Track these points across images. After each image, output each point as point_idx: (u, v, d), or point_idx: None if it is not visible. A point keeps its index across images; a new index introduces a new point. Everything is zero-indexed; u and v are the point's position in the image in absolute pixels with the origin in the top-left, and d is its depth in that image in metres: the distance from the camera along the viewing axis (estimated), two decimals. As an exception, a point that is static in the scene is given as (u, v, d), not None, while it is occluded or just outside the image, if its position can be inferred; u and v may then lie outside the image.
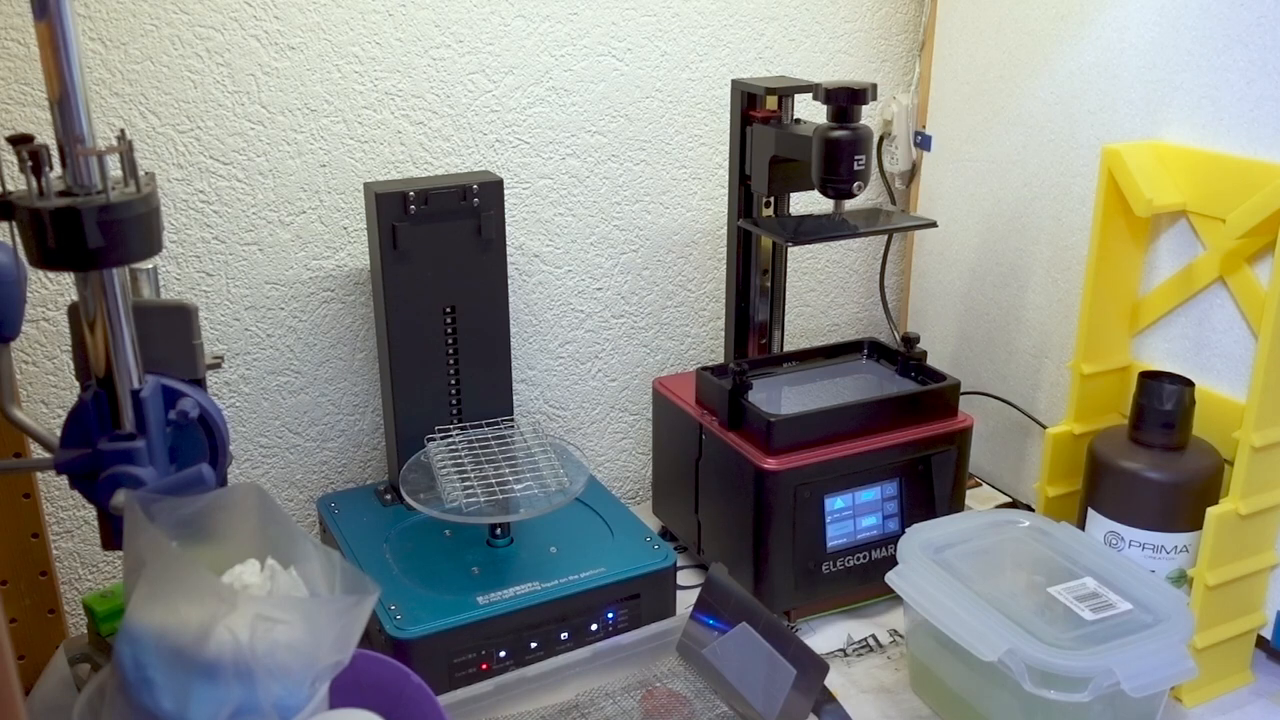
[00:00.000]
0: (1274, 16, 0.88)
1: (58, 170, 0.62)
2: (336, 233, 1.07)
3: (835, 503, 1.00)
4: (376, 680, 0.71)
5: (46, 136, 0.63)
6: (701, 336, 1.30)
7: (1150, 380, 0.93)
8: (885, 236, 1.36)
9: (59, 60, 0.59)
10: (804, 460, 0.97)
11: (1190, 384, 0.92)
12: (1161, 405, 0.91)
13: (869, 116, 1.08)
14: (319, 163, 1.04)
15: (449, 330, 1.04)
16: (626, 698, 0.88)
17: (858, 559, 1.02)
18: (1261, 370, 0.85)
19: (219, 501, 0.66)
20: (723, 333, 1.30)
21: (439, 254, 1.01)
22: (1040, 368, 1.18)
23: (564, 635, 0.93)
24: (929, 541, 0.91)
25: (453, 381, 1.06)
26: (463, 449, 1.02)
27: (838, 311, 1.39)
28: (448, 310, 1.03)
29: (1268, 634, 0.93)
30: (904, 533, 0.93)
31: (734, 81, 1.09)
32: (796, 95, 1.06)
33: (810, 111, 1.10)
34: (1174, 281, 0.98)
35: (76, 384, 0.70)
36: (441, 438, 1.04)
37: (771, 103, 1.06)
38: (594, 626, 0.94)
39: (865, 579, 1.02)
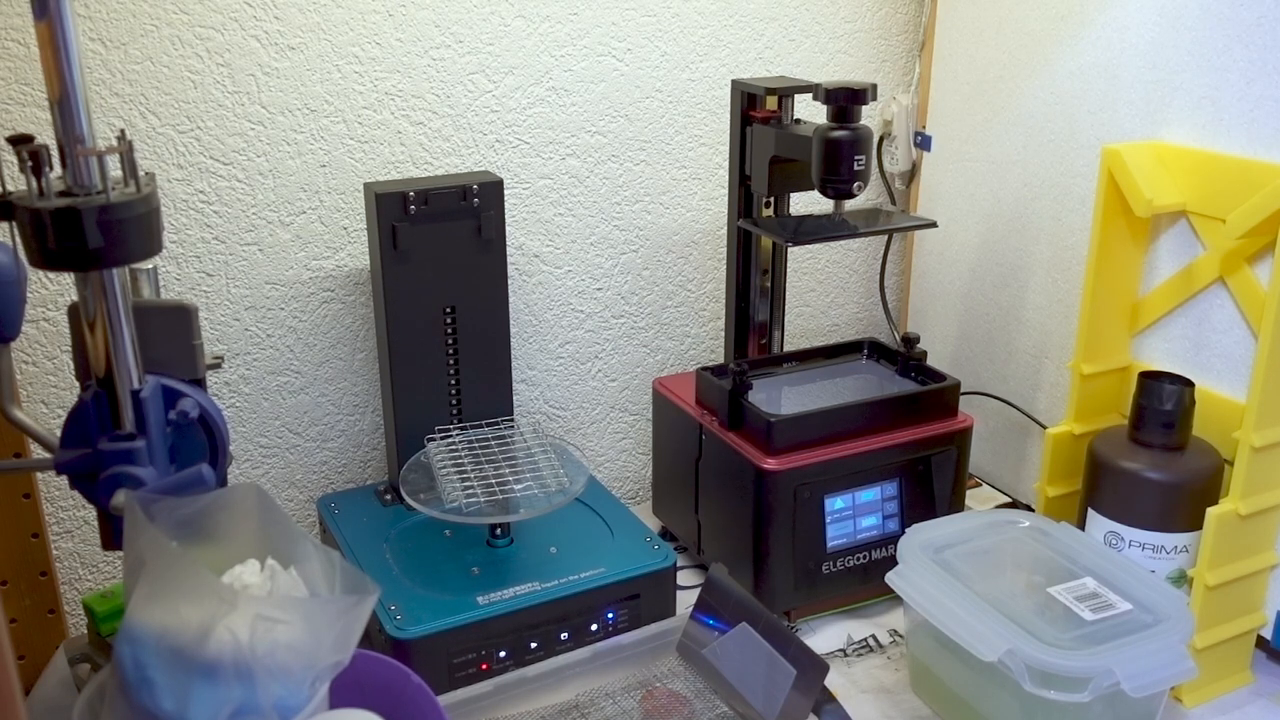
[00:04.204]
0: (1274, 16, 0.88)
1: (58, 170, 0.62)
2: (336, 233, 1.07)
3: (835, 503, 1.00)
4: (376, 680, 0.71)
5: (46, 136, 0.63)
6: (701, 336, 1.30)
7: (1150, 380, 0.93)
8: (885, 236, 1.36)
9: (59, 60, 0.59)
10: (804, 460, 0.97)
11: (1190, 384, 0.92)
12: (1161, 405, 0.91)
13: (869, 116, 1.08)
14: (319, 163, 1.04)
15: (449, 330, 1.04)
16: (626, 698, 0.88)
17: (858, 559, 1.02)
18: (1261, 370, 0.85)
19: (219, 501, 0.66)
20: (723, 333, 1.30)
21: (439, 254, 1.01)
22: (1040, 368, 1.18)
23: (564, 635, 0.93)
24: (929, 541, 0.91)
25: (453, 381, 1.06)
26: (463, 449, 1.02)
27: (838, 311, 1.39)
28: (448, 310, 1.03)
29: (1268, 634, 0.93)
30: (904, 533, 0.93)
31: (734, 81, 1.09)
32: (796, 95, 1.06)
33: (810, 111, 1.10)
34: (1174, 281, 0.98)
35: (76, 384, 0.70)
36: (441, 438, 1.04)
37: (771, 103, 1.06)
38: (594, 626, 0.94)
39: (865, 579, 1.02)
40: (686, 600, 0.96)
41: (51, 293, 0.97)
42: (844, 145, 0.96)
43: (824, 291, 1.37)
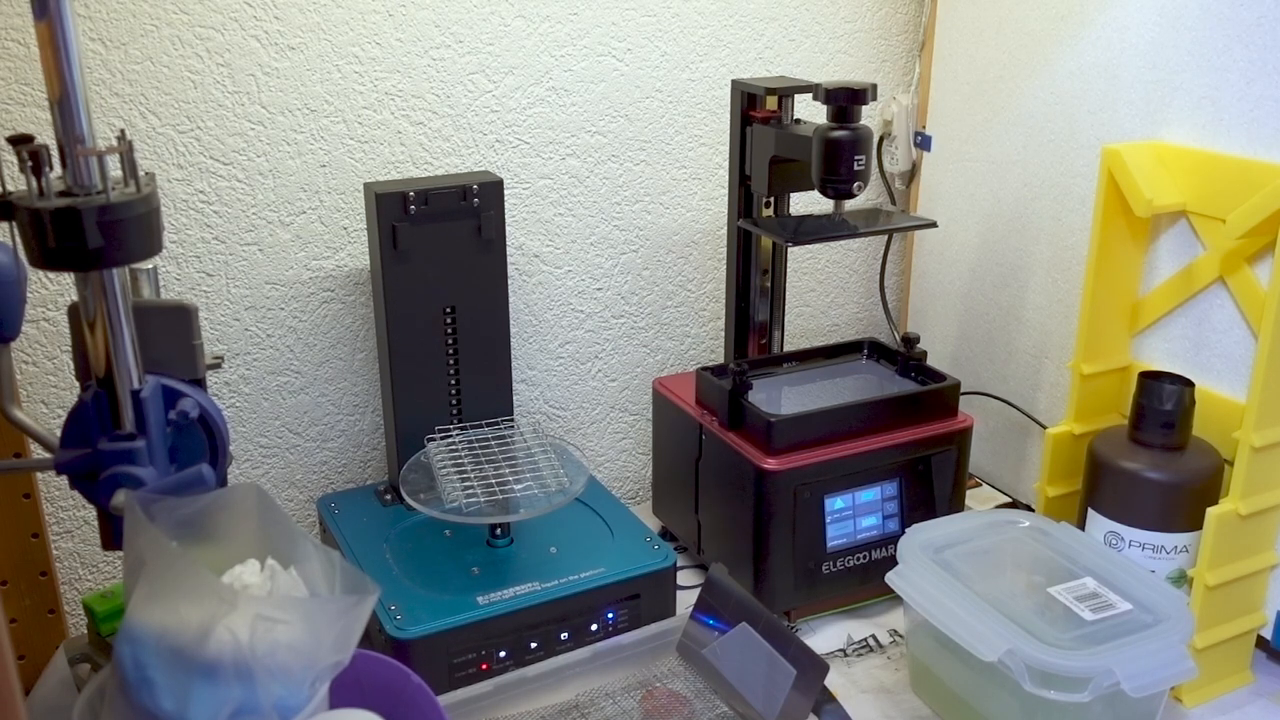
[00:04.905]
0: (1274, 16, 0.88)
1: (58, 170, 0.62)
2: (336, 233, 1.07)
3: (835, 503, 1.00)
4: (376, 680, 0.71)
5: (46, 136, 0.63)
6: (701, 336, 1.30)
7: (1150, 380, 0.93)
8: (885, 236, 1.36)
9: (59, 60, 0.59)
10: (804, 460, 0.97)
11: (1190, 384, 0.92)
12: (1161, 405, 0.91)
13: (869, 116, 1.08)
14: (319, 163, 1.04)
15: (449, 330, 1.04)
16: (626, 698, 0.88)
17: (858, 559, 1.02)
18: (1261, 370, 0.85)
19: (219, 501, 0.66)
20: (723, 333, 1.30)
21: (439, 254, 1.01)
22: (1040, 368, 1.18)
23: (564, 635, 0.93)
24: (929, 541, 0.91)
25: (453, 381, 1.06)
26: (463, 449, 1.02)
27: (838, 311, 1.39)
28: (448, 310, 1.03)
29: (1268, 634, 0.93)
30: (904, 533, 0.93)
31: (734, 81, 1.09)
32: (796, 95, 1.06)
33: (810, 111, 1.10)
34: (1174, 281, 0.98)
35: (76, 384, 0.70)
36: (441, 438, 1.04)
37: (771, 103, 1.06)
38: (594, 626, 0.94)
39: (865, 579, 1.02)
40: (686, 600, 0.96)
41: (51, 293, 0.97)
42: (844, 145, 0.96)
43: (824, 291, 1.37)
